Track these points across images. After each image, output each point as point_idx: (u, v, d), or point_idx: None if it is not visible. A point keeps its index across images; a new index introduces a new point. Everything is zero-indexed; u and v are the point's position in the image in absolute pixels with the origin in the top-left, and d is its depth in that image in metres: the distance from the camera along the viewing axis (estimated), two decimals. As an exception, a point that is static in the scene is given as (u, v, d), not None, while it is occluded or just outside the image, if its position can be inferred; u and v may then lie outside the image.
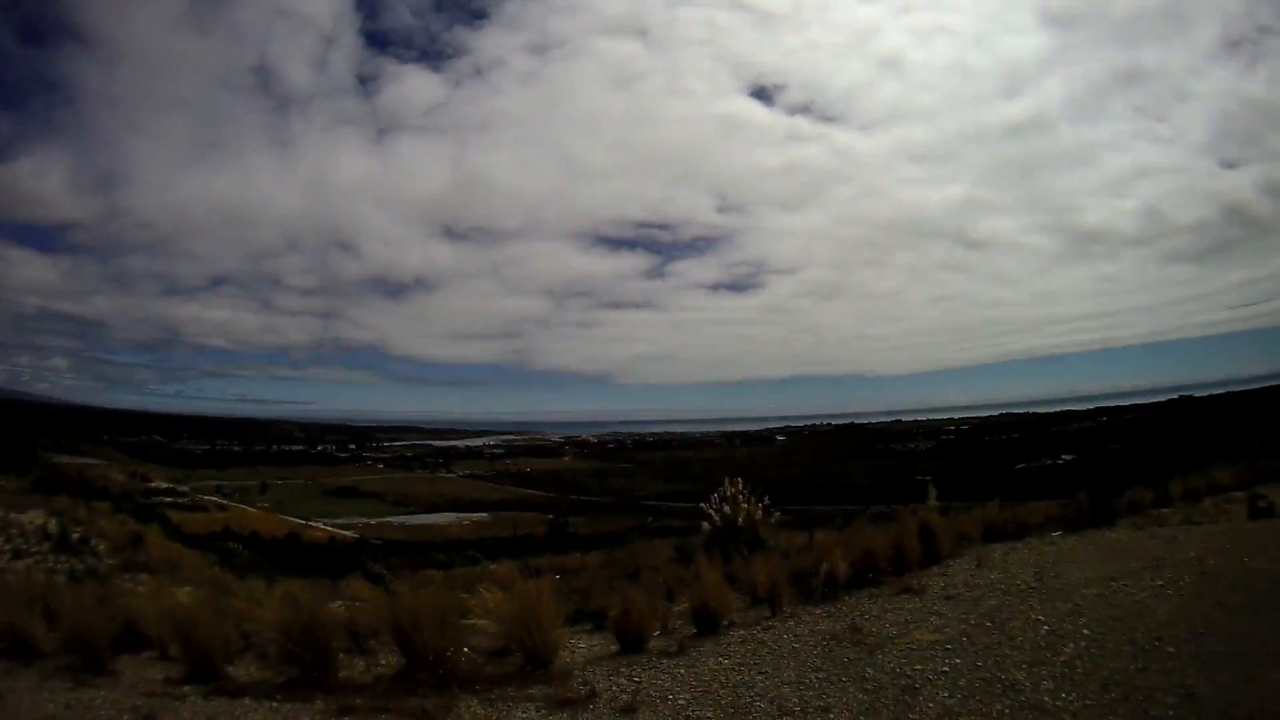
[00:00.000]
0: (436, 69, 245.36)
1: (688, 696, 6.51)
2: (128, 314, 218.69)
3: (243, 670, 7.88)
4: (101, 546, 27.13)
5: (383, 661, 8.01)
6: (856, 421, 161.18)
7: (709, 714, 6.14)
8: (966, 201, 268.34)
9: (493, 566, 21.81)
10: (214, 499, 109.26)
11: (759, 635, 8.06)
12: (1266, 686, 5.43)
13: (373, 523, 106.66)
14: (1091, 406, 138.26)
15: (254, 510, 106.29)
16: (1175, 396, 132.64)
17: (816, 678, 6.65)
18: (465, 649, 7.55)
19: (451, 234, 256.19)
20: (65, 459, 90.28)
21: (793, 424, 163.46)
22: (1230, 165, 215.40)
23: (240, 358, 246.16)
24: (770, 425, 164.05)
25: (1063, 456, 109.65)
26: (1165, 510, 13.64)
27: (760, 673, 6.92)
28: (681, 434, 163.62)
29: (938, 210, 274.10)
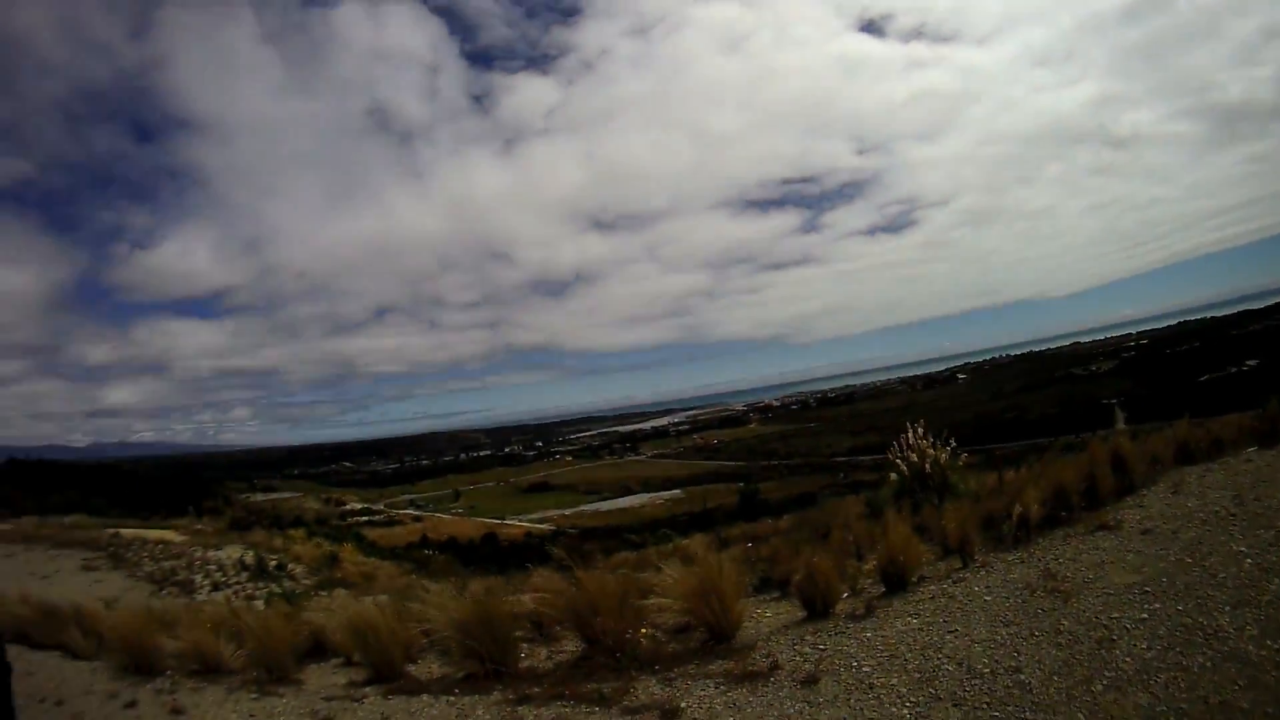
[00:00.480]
0: (545, 72, 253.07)
1: (873, 663, 6.38)
2: (299, 357, 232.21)
3: (424, 669, 8.10)
4: (298, 569, 28.15)
5: (566, 648, 8.13)
6: (1034, 350, 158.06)
7: (895, 681, 6.01)
8: (1101, 98, 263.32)
9: (685, 541, 21.93)
10: (409, 512, 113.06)
11: (949, 589, 7.78)
12: None
13: (567, 513, 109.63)
14: (1268, 304, 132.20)
15: (449, 517, 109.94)
16: None
17: (1008, 634, 6.42)
18: (645, 629, 7.61)
19: (600, 225, 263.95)
20: (259, 497, 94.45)
21: (971, 360, 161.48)
22: None
23: (415, 378, 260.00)
24: (949, 364, 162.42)
25: (1247, 362, 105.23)
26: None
27: (949, 631, 6.71)
28: (862, 385, 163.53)
29: (1075, 112, 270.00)
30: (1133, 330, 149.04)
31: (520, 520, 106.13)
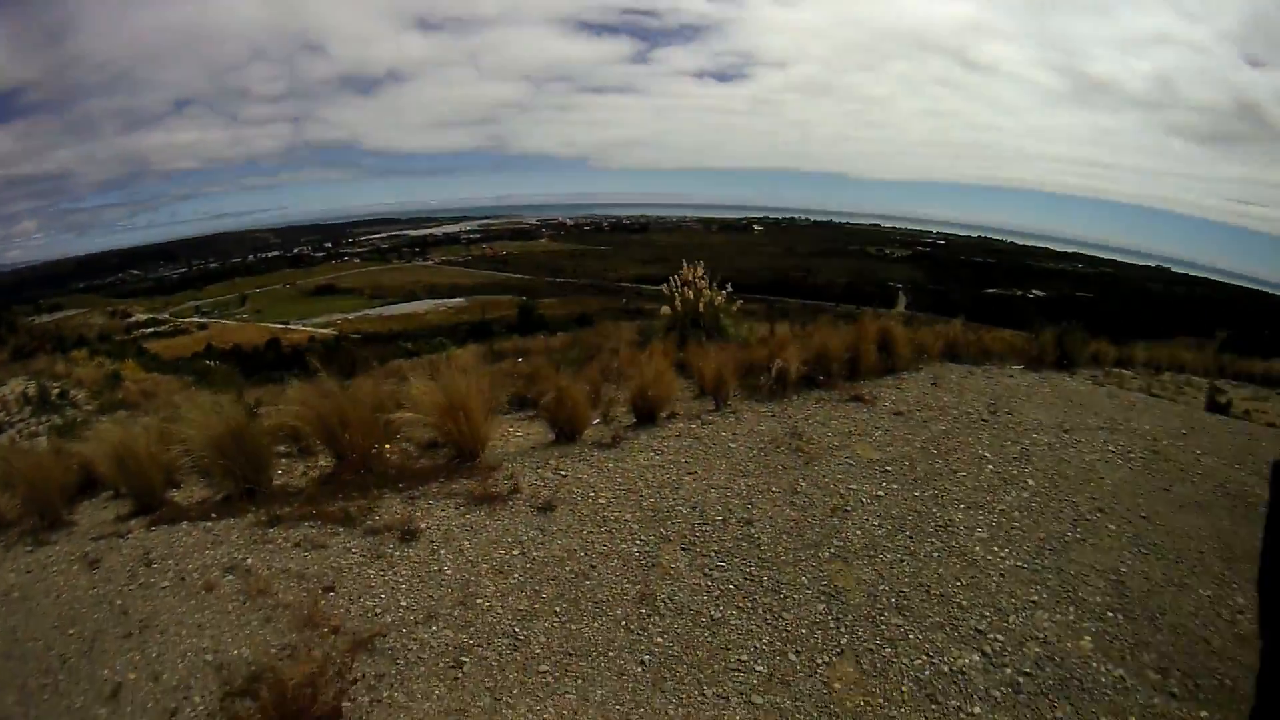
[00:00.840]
0: None
1: (610, 495, 6.38)
2: (92, 158, 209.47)
3: (187, 493, 7.62)
4: (81, 395, 26.47)
5: (322, 464, 7.79)
6: (835, 221, 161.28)
7: (628, 516, 6.01)
8: (973, 22, 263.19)
9: (459, 351, 21.59)
10: (195, 320, 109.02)
11: (697, 431, 7.82)
12: (1198, 601, 5.21)
13: (351, 317, 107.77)
14: (1069, 250, 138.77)
15: (234, 323, 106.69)
16: (1154, 265, 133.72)
17: (746, 485, 6.46)
18: (396, 445, 7.46)
19: (426, 25, 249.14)
20: (44, 319, 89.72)
21: (771, 216, 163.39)
22: (1255, 63, 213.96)
23: (210, 175, 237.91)
24: (749, 215, 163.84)
25: (1034, 291, 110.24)
26: (1126, 372, 13.46)
27: (689, 473, 6.74)
28: (658, 217, 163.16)
29: (942, 25, 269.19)
30: (934, 230, 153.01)
31: (304, 325, 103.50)
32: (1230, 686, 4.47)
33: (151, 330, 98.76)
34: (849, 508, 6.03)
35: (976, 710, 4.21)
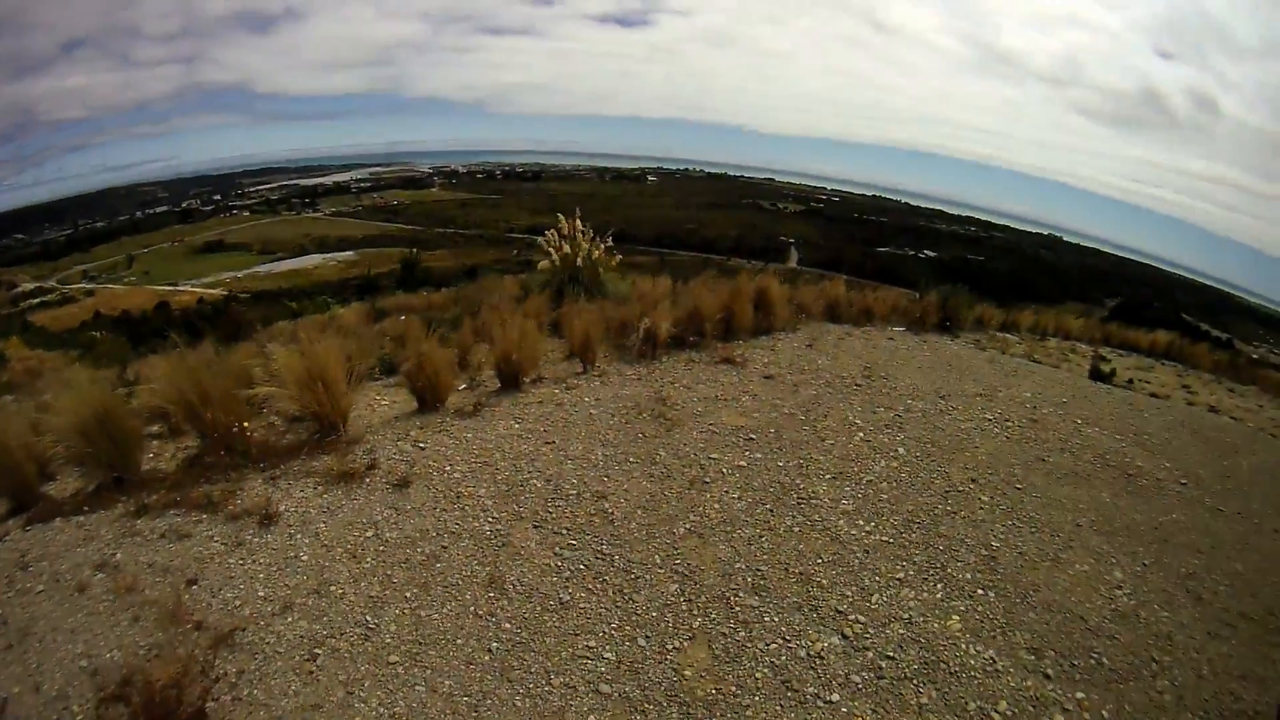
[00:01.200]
0: None
1: (466, 468, 6.14)
2: None
3: (62, 486, 7.16)
4: None
5: (189, 444, 7.36)
6: (730, 174, 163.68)
7: (483, 492, 5.79)
8: None
9: (342, 311, 21.29)
10: (82, 287, 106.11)
11: (560, 396, 7.62)
12: (1074, 577, 5.14)
13: (240, 275, 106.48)
14: (964, 213, 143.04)
15: (122, 288, 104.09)
16: (1046, 233, 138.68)
17: (603, 455, 6.27)
18: (253, 424, 7.01)
19: None
20: None
21: (665, 166, 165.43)
22: (1164, 55, 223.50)
23: (100, 125, 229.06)
24: (644, 165, 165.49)
25: (926, 252, 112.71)
26: (1011, 337, 13.53)
27: (548, 443, 6.51)
28: (552, 165, 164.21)
29: None
30: (829, 186, 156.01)
31: (193, 286, 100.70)
32: (1108, 666, 4.41)
33: (39, 300, 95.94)
34: (708, 479, 5.86)
35: (835, 698, 4.07)
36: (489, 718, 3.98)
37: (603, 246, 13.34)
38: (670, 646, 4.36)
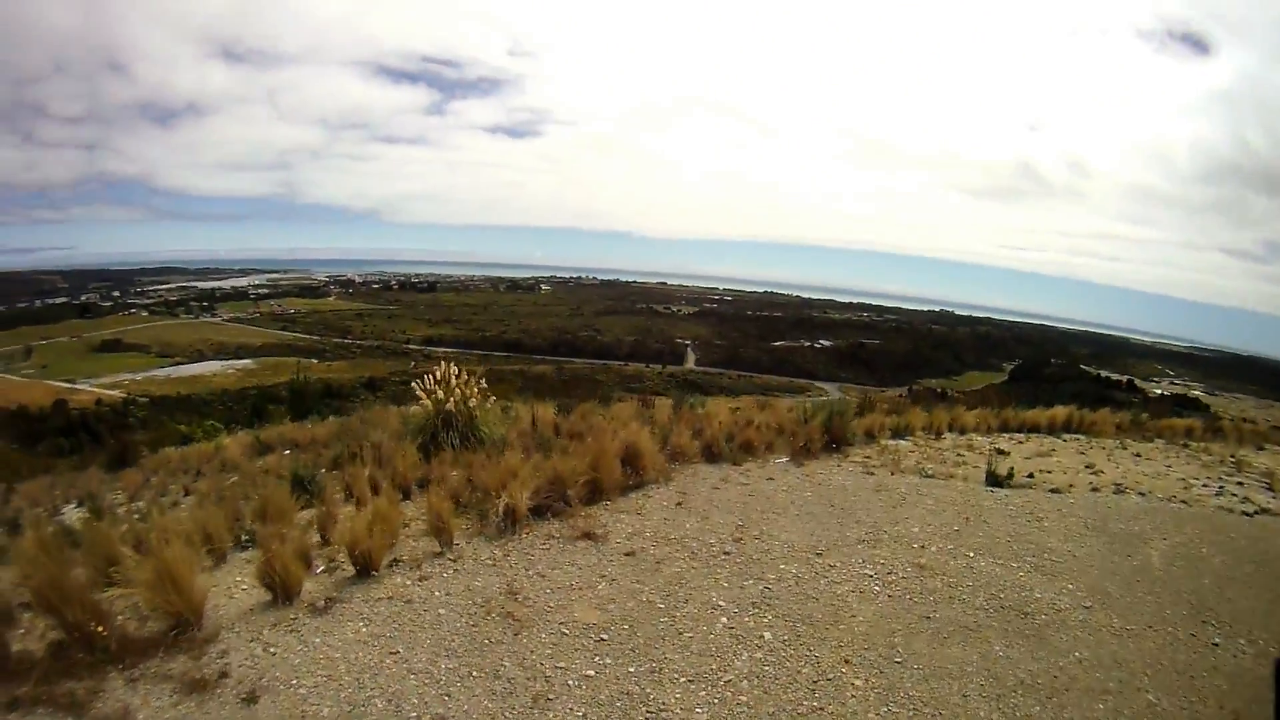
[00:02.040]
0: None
1: (311, 683, 5.84)
2: None
3: None
4: None
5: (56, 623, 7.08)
6: (622, 279, 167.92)
7: (326, 711, 5.51)
8: (766, 85, 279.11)
9: (228, 441, 21.43)
10: None
11: (411, 590, 7.30)
12: None
13: (139, 378, 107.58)
14: (854, 300, 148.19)
15: (19, 379, 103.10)
16: (936, 309, 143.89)
17: (447, 668, 6.00)
18: (110, 619, 6.67)
19: (229, 55, 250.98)
20: None
21: (559, 274, 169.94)
22: (1033, 128, 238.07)
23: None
24: (536, 273, 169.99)
25: (821, 341, 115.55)
26: (904, 444, 13.56)
27: (392, 653, 6.24)
28: (447, 276, 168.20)
29: (728, 90, 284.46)
30: (721, 286, 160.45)
31: (92, 385, 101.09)
32: None
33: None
34: (553, 694, 5.63)
35: None
36: None
37: (477, 390, 13.38)
38: None
